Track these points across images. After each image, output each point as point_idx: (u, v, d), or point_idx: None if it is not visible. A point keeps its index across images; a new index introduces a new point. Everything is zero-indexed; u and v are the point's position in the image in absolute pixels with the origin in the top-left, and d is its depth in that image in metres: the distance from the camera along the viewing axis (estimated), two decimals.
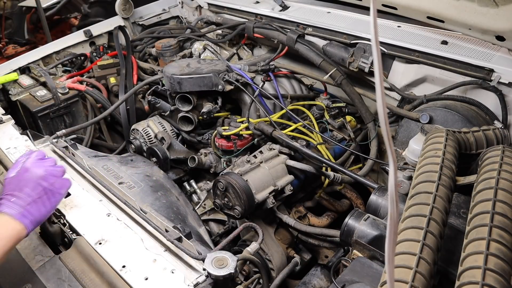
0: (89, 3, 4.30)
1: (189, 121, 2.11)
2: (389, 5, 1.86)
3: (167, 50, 2.54)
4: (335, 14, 2.42)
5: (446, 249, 1.08)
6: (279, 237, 1.75)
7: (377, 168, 2.09)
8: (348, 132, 2.09)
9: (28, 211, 1.09)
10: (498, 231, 0.91)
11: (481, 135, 1.36)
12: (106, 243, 1.27)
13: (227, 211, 1.64)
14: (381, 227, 1.21)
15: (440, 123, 1.73)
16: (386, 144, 0.49)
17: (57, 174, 1.19)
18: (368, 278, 1.09)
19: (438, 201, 1.04)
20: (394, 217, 0.52)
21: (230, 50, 2.65)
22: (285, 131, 1.91)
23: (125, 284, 1.15)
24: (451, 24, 1.76)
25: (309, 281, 1.50)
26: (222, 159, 2.00)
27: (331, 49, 2.17)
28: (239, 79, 2.01)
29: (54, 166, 1.20)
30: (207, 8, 2.89)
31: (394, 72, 2.07)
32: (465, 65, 1.84)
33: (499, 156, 1.14)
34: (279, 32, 2.29)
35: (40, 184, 1.13)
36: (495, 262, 0.85)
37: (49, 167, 1.18)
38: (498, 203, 0.98)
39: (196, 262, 1.21)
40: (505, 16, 1.55)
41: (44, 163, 1.19)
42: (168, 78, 2.03)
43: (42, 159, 1.20)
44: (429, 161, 1.18)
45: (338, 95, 2.33)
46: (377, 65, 0.45)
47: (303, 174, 1.83)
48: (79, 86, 2.37)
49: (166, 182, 1.76)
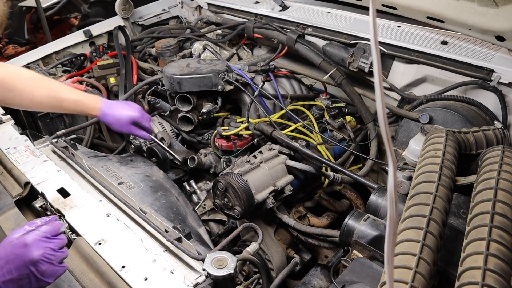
0: (89, 3, 4.30)
1: (189, 121, 2.11)
2: (389, 5, 1.86)
3: (167, 50, 2.54)
4: (335, 14, 2.42)
5: (446, 249, 1.08)
6: (279, 237, 1.75)
7: (377, 168, 2.09)
8: (348, 132, 2.09)
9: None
10: (498, 232, 0.91)
11: (481, 135, 1.35)
12: (105, 244, 1.27)
13: (227, 211, 1.64)
14: (381, 227, 1.21)
15: (440, 123, 1.73)
16: (386, 145, 0.49)
17: (53, 260, 1.03)
18: (368, 278, 1.09)
19: (438, 201, 1.04)
20: (393, 218, 0.52)
21: (230, 50, 2.65)
22: (285, 131, 1.91)
23: (124, 285, 1.15)
24: (451, 24, 1.76)
25: (309, 281, 1.50)
26: (222, 159, 2.00)
27: (331, 49, 2.17)
28: (239, 79, 2.01)
29: (55, 251, 1.04)
30: (207, 8, 2.89)
31: (394, 72, 2.07)
32: (465, 65, 1.84)
33: (499, 156, 1.14)
34: (279, 32, 2.29)
35: (28, 268, 0.99)
36: (495, 262, 0.85)
37: (50, 250, 1.03)
38: (498, 203, 0.98)
39: (195, 262, 1.21)
40: (505, 16, 1.55)
41: (47, 244, 1.03)
42: (168, 78, 2.03)
43: (48, 239, 1.04)
44: (429, 161, 1.17)
45: (338, 95, 2.33)
46: (376, 65, 0.45)
47: (303, 174, 1.83)
48: (79, 86, 2.37)
49: (166, 182, 1.76)
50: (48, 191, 1.46)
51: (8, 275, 0.97)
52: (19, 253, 0.99)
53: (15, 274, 0.98)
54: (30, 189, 1.50)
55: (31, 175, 1.54)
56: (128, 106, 1.67)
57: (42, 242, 1.02)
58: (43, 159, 1.64)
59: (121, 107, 1.64)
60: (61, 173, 1.57)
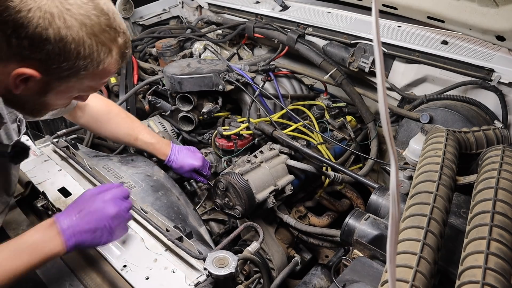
0: None
1: (189, 121, 2.11)
2: (390, 5, 1.86)
3: (168, 50, 2.54)
4: (336, 14, 2.43)
5: (447, 248, 1.09)
6: (279, 236, 1.75)
7: (377, 168, 2.09)
8: (348, 132, 2.09)
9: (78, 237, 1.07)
10: (499, 231, 0.91)
11: (481, 135, 1.36)
12: None
13: (228, 211, 1.64)
14: (381, 226, 1.21)
15: (441, 123, 1.73)
16: (388, 144, 0.50)
17: (124, 219, 1.16)
18: (368, 277, 1.09)
19: (439, 200, 1.05)
20: (395, 216, 0.52)
21: (231, 50, 2.65)
22: (285, 131, 1.91)
23: (126, 284, 1.16)
24: (451, 24, 1.76)
25: (310, 280, 1.51)
26: (223, 159, 2.00)
27: (332, 49, 2.18)
28: (239, 79, 2.01)
29: (126, 212, 1.17)
30: (208, 8, 2.89)
31: (394, 72, 2.08)
32: (466, 65, 1.84)
33: (499, 156, 1.14)
34: (280, 32, 2.30)
35: (105, 221, 1.10)
36: (495, 261, 0.85)
37: (124, 209, 1.15)
38: (498, 202, 0.98)
39: (197, 261, 1.21)
40: (505, 16, 1.55)
41: (121, 204, 1.15)
42: (169, 78, 2.03)
43: (122, 199, 1.16)
44: (430, 161, 1.18)
45: (338, 95, 2.33)
46: (379, 65, 0.45)
47: (304, 174, 1.83)
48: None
49: (167, 182, 1.76)
50: (49, 191, 1.47)
51: (87, 225, 1.07)
52: (99, 207, 1.10)
53: (93, 225, 1.08)
54: (31, 189, 1.51)
55: (32, 175, 1.55)
56: (193, 155, 1.81)
57: (118, 201, 1.14)
58: (44, 159, 1.65)
59: (186, 156, 1.79)
60: (62, 172, 1.57)
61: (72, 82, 1.00)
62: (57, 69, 0.94)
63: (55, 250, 1.05)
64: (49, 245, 1.05)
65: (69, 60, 0.93)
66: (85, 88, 1.06)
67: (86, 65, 0.96)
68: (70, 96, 1.10)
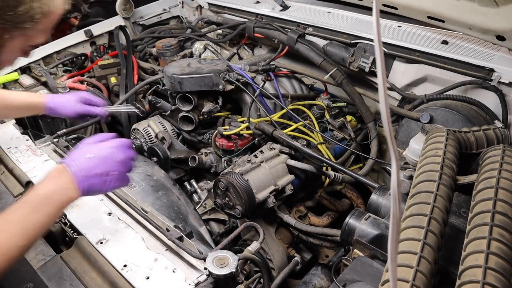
0: (89, 3, 4.29)
1: (189, 120, 2.11)
2: (390, 5, 1.86)
3: (168, 50, 2.54)
4: (336, 14, 2.43)
5: (447, 248, 1.09)
6: (279, 236, 1.75)
7: (377, 168, 2.09)
8: (348, 132, 2.09)
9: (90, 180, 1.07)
10: (499, 230, 0.91)
11: (481, 134, 1.36)
12: (107, 243, 1.27)
13: (228, 211, 1.64)
14: (382, 226, 1.21)
15: (441, 122, 1.73)
16: (389, 144, 0.50)
17: (130, 166, 1.15)
18: (369, 277, 1.09)
19: (439, 200, 1.05)
20: (396, 215, 0.52)
21: (231, 50, 2.65)
22: (285, 130, 1.91)
23: (126, 283, 1.15)
24: (452, 24, 1.76)
25: (310, 280, 1.51)
26: (223, 158, 2.00)
27: (332, 49, 2.18)
28: (239, 79, 2.01)
29: (130, 161, 1.16)
30: (208, 8, 2.90)
31: (394, 72, 2.08)
32: (466, 65, 1.84)
33: (499, 156, 1.14)
34: (280, 32, 2.30)
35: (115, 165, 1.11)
36: (495, 261, 0.85)
37: (129, 159, 1.15)
38: (498, 202, 0.98)
39: (197, 261, 1.21)
40: (506, 16, 1.55)
41: (129, 151, 1.15)
42: (169, 77, 2.03)
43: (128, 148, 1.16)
44: (430, 161, 1.18)
45: (338, 95, 2.33)
46: (380, 65, 0.45)
47: (304, 174, 1.83)
48: (80, 85, 2.37)
49: (167, 181, 1.76)
50: None
51: (97, 168, 1.08)
52: (108, 153, 1.11)
53: (103, 169, 1.09)
54: None
55: (33, 175, 1.55)
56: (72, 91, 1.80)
57: (126, 148, 1.15)
58: (44, 159, 1.65)
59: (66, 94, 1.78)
60: None
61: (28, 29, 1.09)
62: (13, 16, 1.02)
63: (70, 195, 1.05)
64: (64, 192, 1.05)
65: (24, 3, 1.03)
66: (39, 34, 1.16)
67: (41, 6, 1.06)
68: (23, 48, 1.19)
